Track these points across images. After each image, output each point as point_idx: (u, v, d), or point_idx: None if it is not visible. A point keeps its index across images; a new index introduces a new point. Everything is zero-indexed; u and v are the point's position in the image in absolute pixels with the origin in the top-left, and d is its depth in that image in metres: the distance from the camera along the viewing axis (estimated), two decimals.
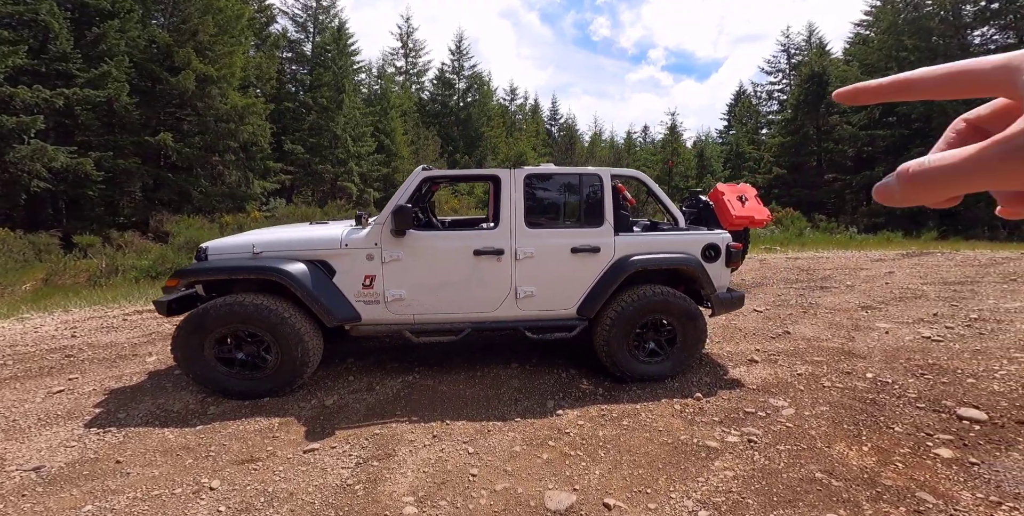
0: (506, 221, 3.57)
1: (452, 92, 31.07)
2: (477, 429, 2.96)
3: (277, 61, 23.48)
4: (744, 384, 3.65)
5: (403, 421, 3.08)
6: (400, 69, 33.45)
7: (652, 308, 3.59)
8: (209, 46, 18.47)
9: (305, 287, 3.23)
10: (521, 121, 39.81)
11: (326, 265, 3.45)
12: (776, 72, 33.25)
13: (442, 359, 4.23)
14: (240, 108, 18.29)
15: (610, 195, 3.68)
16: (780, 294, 7.23)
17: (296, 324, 3.24)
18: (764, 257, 12.27)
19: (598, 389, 3.61)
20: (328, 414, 3.19)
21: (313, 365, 3.40)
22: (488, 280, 3.55)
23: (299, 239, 3.52)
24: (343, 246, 3.46)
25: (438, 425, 3.02)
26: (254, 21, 23.38)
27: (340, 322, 3.38)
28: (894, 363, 4.16)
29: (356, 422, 3.07)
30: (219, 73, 17.96)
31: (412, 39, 33.37)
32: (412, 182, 3.55)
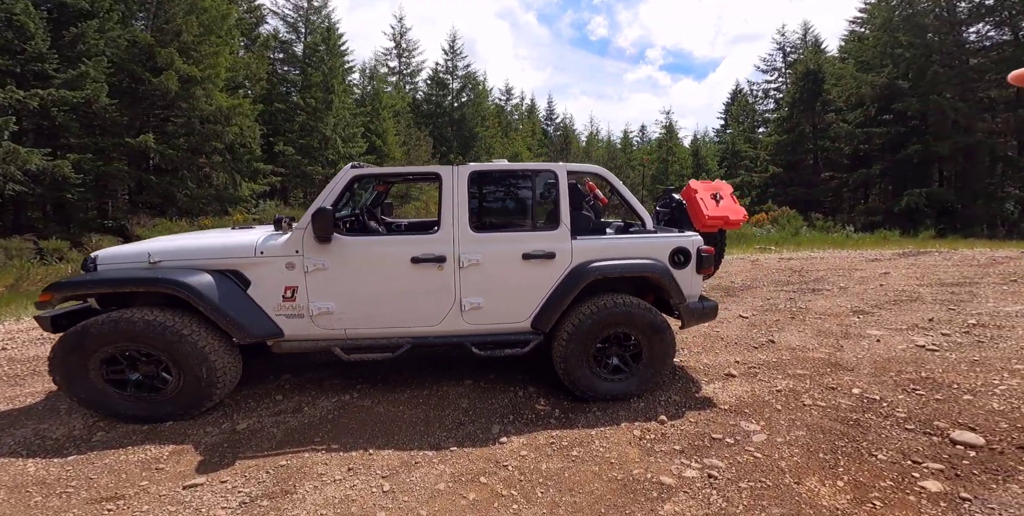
0: (448, 225, 3.21)
1: (446, 92, 30.73)
2: (403, 460, 2.60)
3: (267, 62, 23.15)
4: (716, 404, 3.29)
5: (320, 449, 2.72)
6: (393, 69, 33.12)
7: (613, 321, 3.23)
8: (194, 46, 18.14)
9: (209, 300, 2.88)
10: (517, 121, 39.47)
11: (239, 275, 3.10)
12: (772, 71, 32.94)
13: (389, 375, 3.87)
14: (226, 109, 17.95)
15: (566, 194, 3.32)
16: (769, 297, 6.88)
17: (199, 342, 2.89)
18: (757, 257, 11.93)
19: (555, 410, 3.25)
20: (235, 441, 2.84)
21: (225, 386, 3.05)
22: (429, 291, 3.19)
23: (205, 247, 3.16)
24: (258, 254, 3.10)
25: (359, 455, 2.66)
26: (243, 22, 23.07)
27: (256, 338, 3.03)
28: (884, 376, 3.80)
29: (265, 451, 2.72)
30: (203, 73, 17.62)
31: (405, 39, 33.06)
32: (339, 182, 3.18)
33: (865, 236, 19.46)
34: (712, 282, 8.12)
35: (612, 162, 22.54)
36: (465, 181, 3.24)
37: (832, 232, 20.77)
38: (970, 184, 20.95)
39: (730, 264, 10.41)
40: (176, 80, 16.94)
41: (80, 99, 15.73)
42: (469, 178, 3.26)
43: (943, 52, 21.59)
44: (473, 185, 3.29)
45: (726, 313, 5.95)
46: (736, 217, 3.60)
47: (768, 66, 32.92)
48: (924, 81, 21.17)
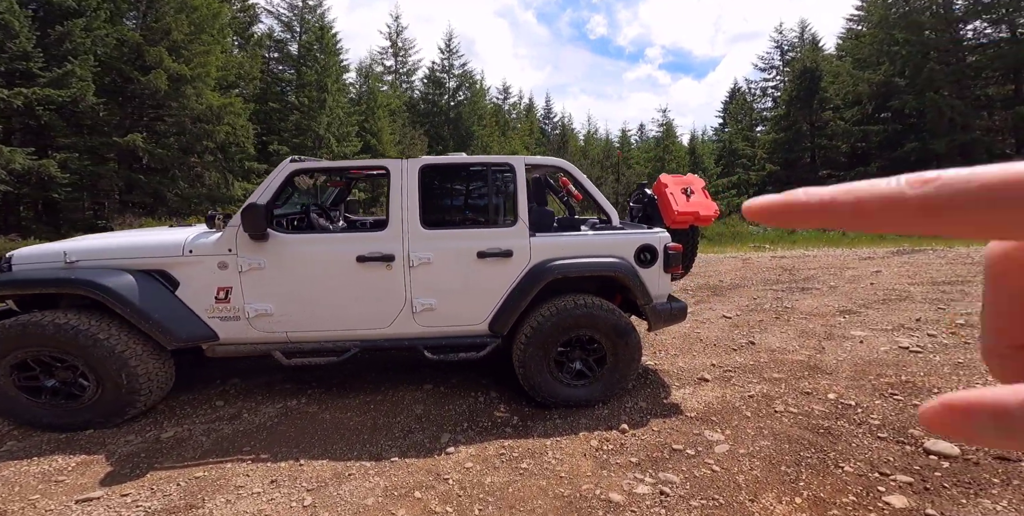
0: (397, 221, 3.04)
1: (442, 91, 30.55)
2: (335, 472, 2.45)
3: (261, 61, 22.99)
4: (683, 411, 3.13)
5: (247, 459, 2.57)
6: (389, 68, 32.92)
7: (574, 323, 3.07)
8: (184, 45, 17.99)
9: (128, 303, 2.70)
10: (515, 120, 39.28)
11: (166, 276, 2.93)
12: (770, 69, 32.74)
13: (346, 380, 3.71)
14: (217, 108, 17.79)
15: (524, 188, 3.16)
16: (756, 297, 6.71)
17: (117, 346, 2.73)
18: (749, 256, 11.78)
19: (513, 417, 3.09)
20: (155, 450, 2.68)
21: (152, 392, 2.89)
22: (377, 291, 3.03)
23: (129, 246, 2.99)
24: (186, 253, 2.94)
25: (288, 466, 2.51)
26: (236, 21, 22.90)
27: (185, 343, 2.86)
28: (862, 380, 3.64)
29: (185, 461, 2.56)
30: (194, 72, 17.47)
31: (402, 38, 32.85)
32: (277, 176, 3.01)
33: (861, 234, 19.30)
34: (699, 281, 7.96)
35: (608, 161, 22.34)
36: (416, 175, 3.08)
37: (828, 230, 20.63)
38: None
39: (721, 262, 10.26)
40: (165, 79, 16.79)
41: (66, 98, 15.57)
42: (420, 172, 3.09)
43: (940, 49, 21.40)
44: (424, 179, 3.12)
45: (709, 313, 5.80)
46: (707, 213, 3.44)
47: (766, 64, 32.74)
48: (921, 78, 20.98)
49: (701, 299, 6.58)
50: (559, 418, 3.06)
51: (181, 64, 17.24)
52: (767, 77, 32.87)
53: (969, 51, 21.38)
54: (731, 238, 17.82)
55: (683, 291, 7.08)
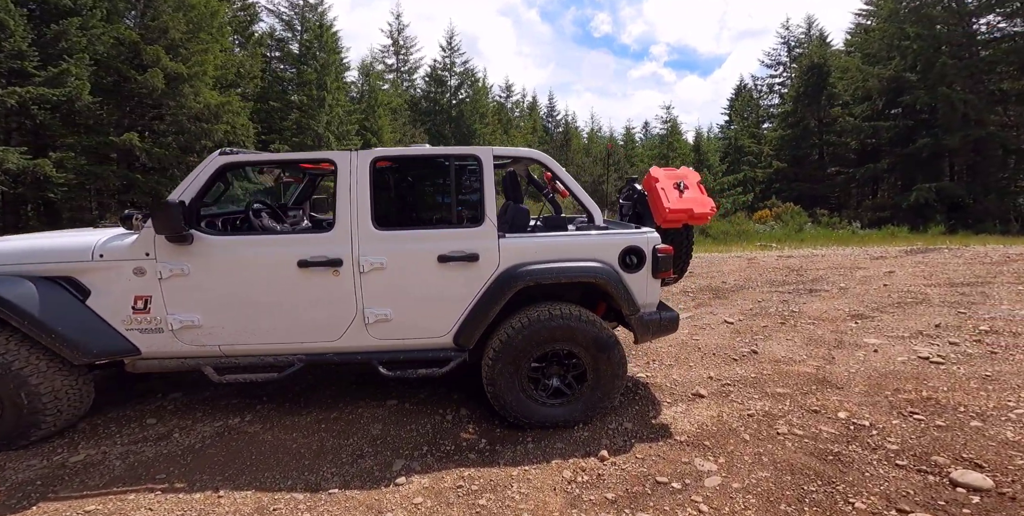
0: (345, 221, 2.70)
1: (444, 89, 30.26)
2: (258, 506, 2.13)
3: (261, 60, 22.80)
4: (673, 433, 2.77)
5: (157, 489, 2.25)
6: (391, 67, 32.66)
7: (549, 336, 2.71)
8: (182, 44, 17.81)
9: (25, 314, 2.40)
10: (518, 118, 38.92)
11: (75, 283, 2.62)
12: (776, 65, 32.17)
13: (303, 393, 3.39)
14: (214, 107, 17.60)
15: (492, 183, 2.80)
16: (761, 300, 6.32)
17: (15, 363, 2.43)
18: (755, 255, 11.33)
19: (481, 440, 2.74)
20: (56, 477, 2.37)
21: (59, 412, 2.58)
22: (323, 300, 2.69)
23: (31, 250, 2.67)
24: (96, 258, 2.61)
25: (202, 498, 2.19)
26: (237, 19, 22.73)
27: (97, 358, 2.55)
28: (878, 396, 3.26)
29: (84, 491, 2.25)
30: (191, 71, 17.27)
31: (403, 36, 32.59)
32: (203, 170, 2.68)
33: (872, 232, 18.76)
34: (701, 282, 7.57)
35: (611, 158, 21.91)
36: (367, 169, 2.73)
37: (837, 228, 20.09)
38: (982, 178, 20.15)
39: (724, 262, 9.85)
40: (162, 78, 16.59)
41: (61, 97, 15.42)
42: (372, 166, 2.74)
43: (952, 44, 20.77)
44: (377, 174, 2.79)
45: (710, 318, 5.42)
46: (702, 210, 3.06)
47: (773, 61, 32.17)
48: (932, 73, 20.38)
49: (702, 302, 6.20)
50: (532, 442, 2.71)
51: (178, 63, 17.05)
52: (774, 73, 32.32)
53: (983, 45, 20.73)
54: (736, 236, 17.36)
55: (683, 294, 6.70)
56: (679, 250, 3.24)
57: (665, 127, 25.37)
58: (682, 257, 3.28)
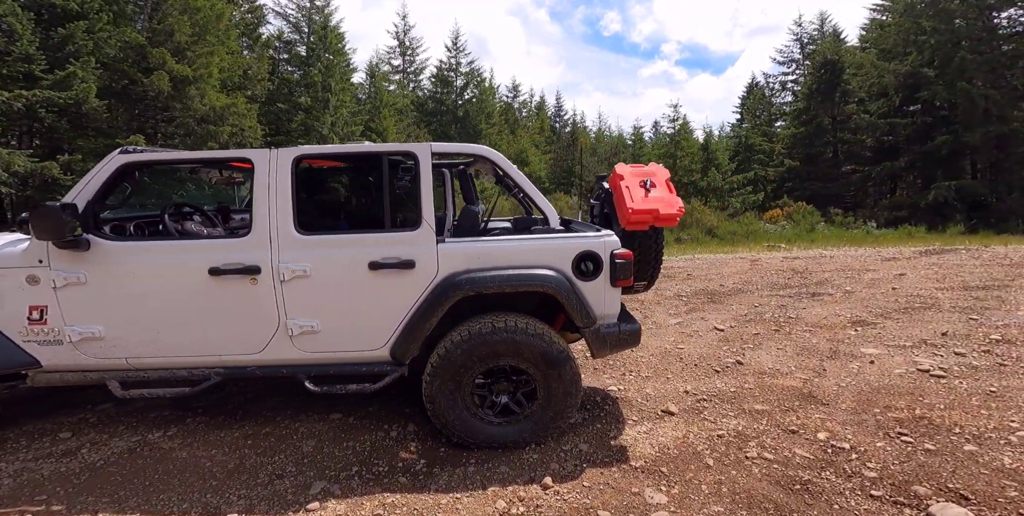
0: (264, 225, 2.49)
1: (450, 90, 30.16)
2: None
3: (269, 62, 22.91)
4: (630, 457, 2.53)
5: (29, 513, 2.10)
6: (397, 68, 32.67)
7: (492, 350, 2.49)
8: (188, 46, 17.95)
9: None
10: (525, 118, 38.69)
11: None
12: (789, 62, 31.46)
13: (245, 404, 3.21)
14: (220, 109, 17.72)
15: (429, 182, 2.58)
16: (758, 304, 6.01)
17: None
18: (759, 257, 10.93)
19: (420, 461, 2.53)
20: None
21: None
22: (240, 311, 2.50)
23: None
24: None
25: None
26: (245, 21, 22.87)
27: None
28: (865, 414, 2.97)
29: None
30: (196, 73, 17.41)
31: (409, 37, 32.56)
32: (101, 171, 2.49)
33: (888, 232, 18.14)
34: (697, 285, 7.26)
35: (617, 157, 21.52)
36: (288, 169, 2.52)
37: (851, 228, 19.48)
38: (1004, 176, 19.39)
39: (725, 264, 9.50)
40: (168, 80, 16.72)
41: (69, 100, 15.60)
42: (294, 165, 2.53)
43: (972, 38, 20.01)
44: (300, 174, 2.59)
45: (700, 324, 5.14)
46: (668, 210, 2.80)
47: (785, 58, 31.47)
48: (951, 68, 19.66)
49: (694, 307, 5.91)
50: (475, 464, 2.49)
51: (184, 65, 17.18)
52: (786, 71, 31.61)
53: (1004, 40, 19.94)
54: (744, 237, 16.89)
55: (676, 298, 6.41)
56: (647, 255, 2.98)
57: (673, 126, 24.89)
58: (651, 263, 3.02)
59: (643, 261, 2.97)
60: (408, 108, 28.61)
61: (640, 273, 3.01)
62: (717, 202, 21.85)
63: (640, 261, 2.96)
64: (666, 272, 8.54)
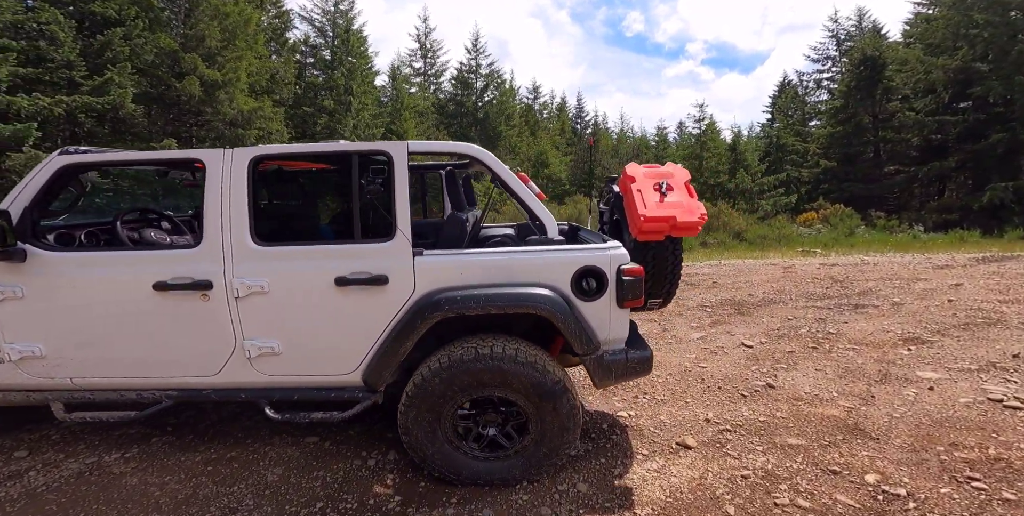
0: (216, 235, 2.23)
1: (470, 91, 30.16)
2: None
3: (296, 66, 23.30)
4: (635, 503, 2.14)
5: None
6: (418, 70, 32.86)
7: (476, 380, 2.15)
8: (218, 51, 18.38)
9: None
10: (546, 120, 38.41)
11: None
12: (824, 60, 30.15)
13: (218, 423, 2.95)
14: (247, 112, 18.07)
15: (405, 186, 2.26)
16: (792, 317, 5.48)
17: None
18: (793, 263, 10.24)
19: (395, 498, 2.21)
20: None
21: None
22: (191, 329, 2.25)
23: None
24: None
25: None
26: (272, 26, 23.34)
27: None
28: (926, 452, 2.50)
29: None
30: (225, 78, 17.80)
31: (430, 39, 32.72)
32: (39, 174, 2.26)
33: (937, 237, 16.98)
34: (724, 294, 6.75)
35: (638, 158, 20.88)
36: (243, 171, 2.24)
37: (896, 232, 18.32)
38: None
39: (755, 271, 8.90)
40: (198, 85, 17.13)
41: (106, 105, 16.11)
42: (251, 167, 2.25)
43: None
44: (258, 177, 2.30)
45: (726, 339, 4.67)
46: (688, 218, 2.39)
47: (820, 55, 30.19)
48: (1007, 62, 18.34)
49: (720, 319, 5.43)
50: (456, 505, 2.15)
51: (214, 70, 17.58)
52: (821, 68, 30.31)
53: None
54: (776, 241, 16.06)
55: (699, 308, 5.94)
56: (662, 269, 2.58)
57: (699, 126, 24.03)
58: (667, 278, 2.62)
59: (658, 276, 2.57)
60: (429, 110, 28.70)
61: (655, 289, 2.61)
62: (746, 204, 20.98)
63: (655, 276, 2.57)
64: (690, 279, 8.03)
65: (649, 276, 2.51)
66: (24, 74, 15.14)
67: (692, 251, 13.73)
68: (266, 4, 22.57)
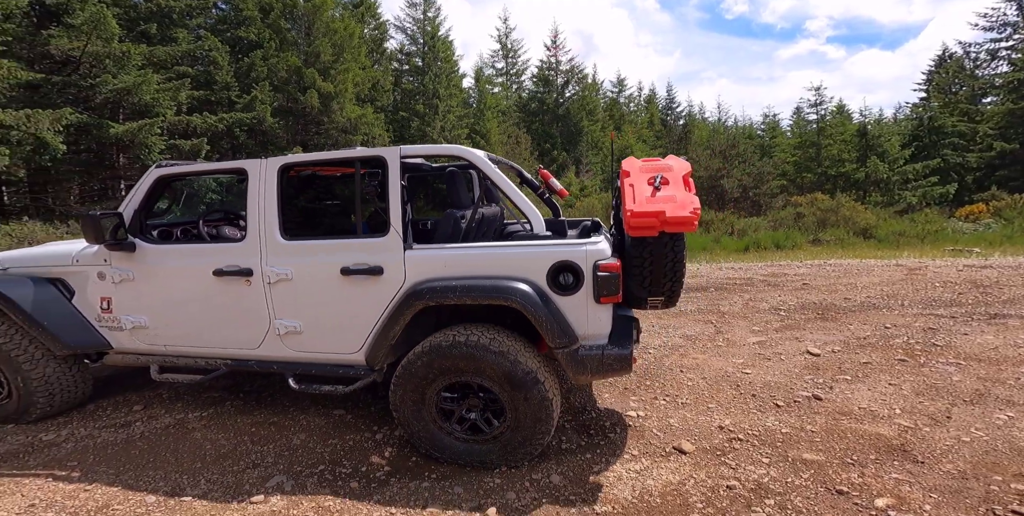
0: (255, 231, 2.63)
1: (551, 89, 30.10)
2: (102, 503, 2.20)
3: (392, 73, 25.26)
4: (599, 500, 2.12)
5: (55, 476, 2.43)
6: (500, 70, 33.53)
7: (452, 365, 2.30)
8: (330, 65, 20.60)
9: (20, 310, 2.76)
10: (633, 113, 36.88)
11: (64, 285, 2.97)
12: (1001, 27, 24.73)
13: (276, 392, 3.44)
14: (354, 119, 20.04)
15: (398, 187, 2.47)
16: (892, 325, 4.79)
17: (13, 351, 2.82)
18: (925, 264, 8.73)
19: (384, 468, 2.45)
20: (17, 452, 2.69)
21: (51, 395, 2.94)
22: (239, 309, 2.68)
23: (38, 254, 3.12)
24: (74, 262, 2.94)
25: (71, 489, 2.32)
26: (372, 37, 25.49)
27: (75, 350, 2.87)
28: (975, 480, 2.14)
29: (14, 468, 2.53)
30: (337, 89, 19.88)
31: (510, 40, 33.21)
32: (142, 184, 2.85)
33: None
34: (811, 297, 6.03)
35: (734, 150, 18.91)
36: (274, 177, 2.62)
37: None
38: None
39: (868, 272, 7.78)
40: (317, 97, 19.36)
41: (253, 120, 18.92)
42: (279, 173, 2.63)
43: None
44: (284, 181, 2.67)
45: (789, 346, 4.24)
46: (678, 213, 2.27)
47: (993, 22, 24.85)
48: None
49: (792, 324, 4.91)
50: (434, 479, 2.33)
51: (328, 82, 19.71)
52: (997, 36, 24.94)
53: None
54: (917, 238, 13.71)
55: (772, 311, 5.41)
56: (660, 266, 2.48)
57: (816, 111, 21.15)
58: (666, 275, 2.51)
59: (656, 273, 2.47)
60: (511, 109, 29.19)
61: (654, 288, 2.53)
62: (881, 197, 18.19)
63: (652, 273, 2.48)
64: (775, 280, 7.30)
65: (647, 273, 2.45)
66: (198, 96, 18.29)
67: (800, 249, 12.31)
68: (366, 17, 24.63)
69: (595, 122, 29.16)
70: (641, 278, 2.41)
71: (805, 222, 14.97)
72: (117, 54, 14.19)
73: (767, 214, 16.79)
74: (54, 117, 12.06)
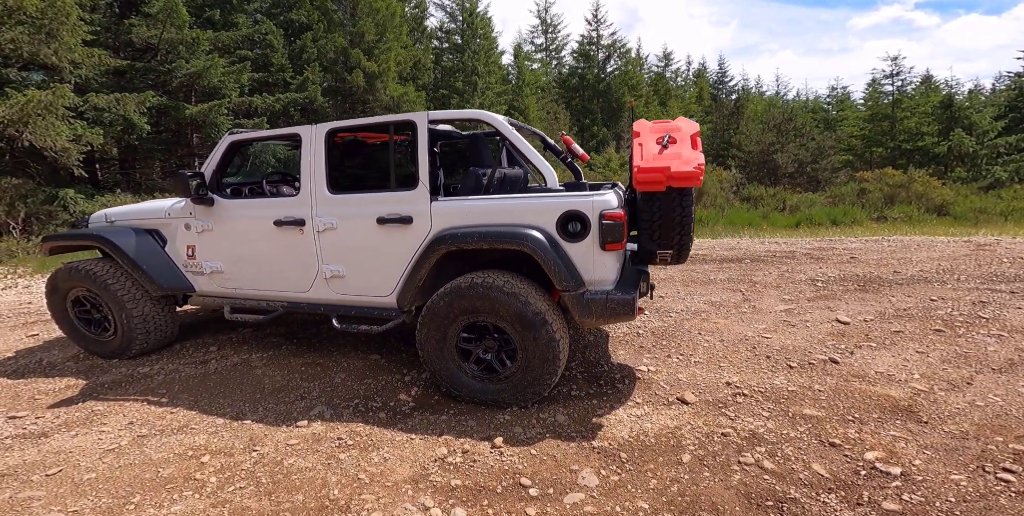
0: (307, 186, 2.99)
1: (592, 64, 29.15)
2: (184, 423, 2.63)
3: (432, 52, 25.34)
4: (598, 436, 2.32)
5: (149, 400, 2.91)
6: (540, 46, 32.71)
7: (469, 306, 2.54)
8: (374, 45, 20.98)
9: (125, 255, 3.27)
10: (680, 88, 35.14)
11: (159, 234, 3.48)
12: None
13: (325, 339, 3.85)
14: (397, 97, 20.46)
15: (426, 147, 2.70)
16: (939, 297, 4.61)
17: (119, 291, 3.31)
18: (998, 240, 8.11)
19: (408, 403, 2.76)
20: (118, 382, 3.19)
21: (148, 333, 3.43)
22: (293, 255, 3.06)
23: (138, 209, 3.66)
24: (167, 215, 3.43)
25: (159, 412, 2.76)
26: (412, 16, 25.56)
27: (167, 291, 3.36)
28: (974, 441, 2.17)
29: (118, 395, 3.01)
30: (380, 68, 20.32)
31: (550, 15, 32.26)
32: (219, 148, 3.27)
33: None
34: (856, 270, 5.82)
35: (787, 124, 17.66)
36: (322, 140, 2.95)
37: None
38: None
39: (929, 248, 7.34)
40: (362, 77, 19.86)
41: (305, 100, 19.73)
42: (327, 136, 2.96)
43: None
44: (331, 143, 2.98)
45: (819, 314, 4.20)
46: (683, 168, 2.37)
47: None
48: None
49: (827, 294, 4.82)
50: (450, 414, 2.61)
51: (372, 62, 20.15)
52: None
53: None
54: (1003, 216, 12.55)
55: (808, 282, 5.29)
56: (668, 220, 2.61)
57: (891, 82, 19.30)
58: (674, 229, 2.62)
59: (664, 226, 2.61)
60: (550, 85, 28.57)
61: (663, 240, 2.66)
62: (965, 172, 16.67)
63: (661, 226, 2.62)
64: (819, 254, 7.04)
65: (656, 227, 2.60)
66: (257, 78, 19.25)
67: (861, 226, 11.64)
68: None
69: (639, 97, 28.23)
70: (651, 232, 2.57)
71: (870, 198, 14.07)
72: (188, 40, 15.16)
73: (826, 190, 15.87)
74: (139, 100, 13.25)
